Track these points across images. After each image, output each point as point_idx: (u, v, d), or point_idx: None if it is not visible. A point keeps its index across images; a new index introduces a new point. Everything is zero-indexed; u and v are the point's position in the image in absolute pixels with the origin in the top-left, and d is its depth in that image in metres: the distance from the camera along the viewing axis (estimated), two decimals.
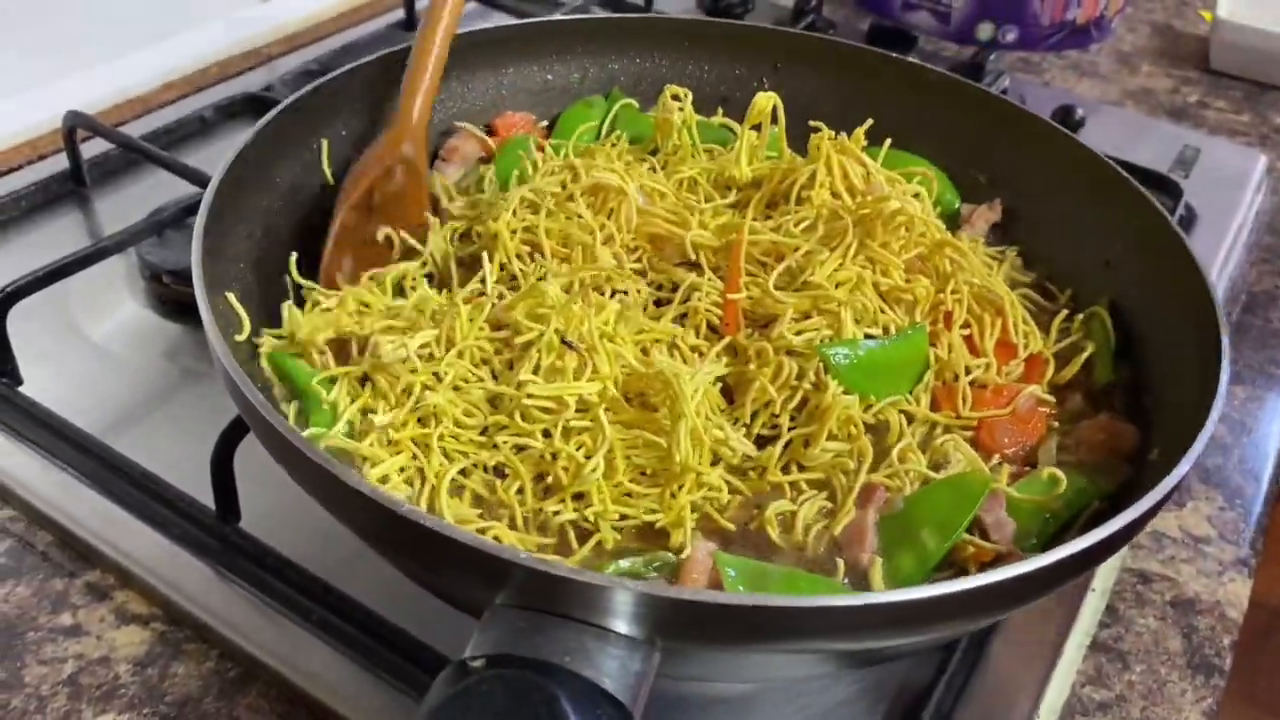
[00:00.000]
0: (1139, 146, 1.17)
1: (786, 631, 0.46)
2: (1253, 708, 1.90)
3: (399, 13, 1.31)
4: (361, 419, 0.63)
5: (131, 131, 1.00)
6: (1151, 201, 0.73)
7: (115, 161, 1.00)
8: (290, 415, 0.64)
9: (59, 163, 0.99)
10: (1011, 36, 1.26)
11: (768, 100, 0.78)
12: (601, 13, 1.24)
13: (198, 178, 0.90)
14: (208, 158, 0.99)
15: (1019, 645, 0.69)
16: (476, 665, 0.44)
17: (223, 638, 0.65)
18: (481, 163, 0.85)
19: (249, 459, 0.66)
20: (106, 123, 0.99)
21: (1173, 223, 0.72)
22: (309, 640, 0.64)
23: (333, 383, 0.65)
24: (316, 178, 0.77)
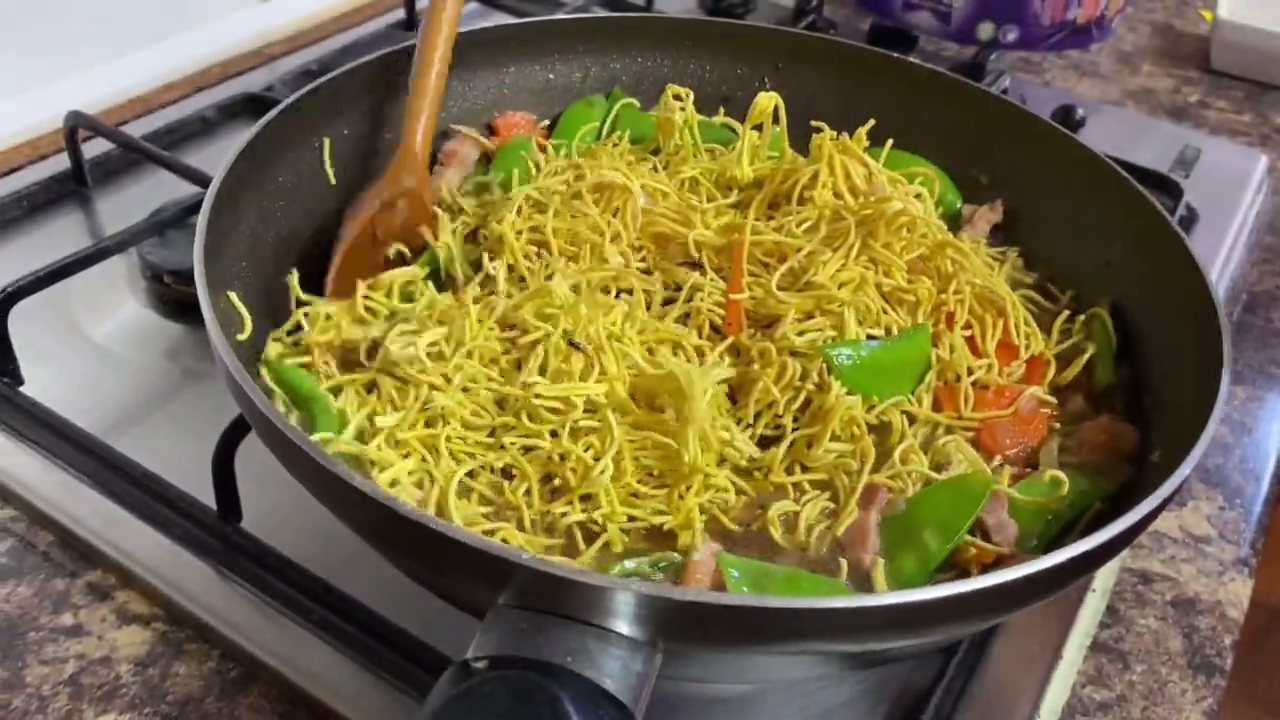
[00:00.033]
0: (1139, 146, 1.17)
1: (788, 633, 0.46)
2: (1253, 707, 1.91)
3: (399, 13, 1.31)
4: (369, 426, 0.62)
5: (133, 131, 1.00)
6: (1152, 201, 0.73)
7: (116, 161, 1.00)
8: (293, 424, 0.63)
9: (60, 162, 0.99)
10: (1012, 36, 1.26)
11: (769, 100, 0.78)
12: (602, 12, 1.24)
13: (199, 178, 0.90)
14: (209, 158, 0.99)
15: (1019, 645, 0.69)
16: (479, 666, 0.44)
17: (224, 638, 0.65)
18: (481, 164, 0.85)
19: (250, 459, 0.66)
20: (108, 122, 0.99)
21: (1173, 223, 0.72)
22: (310, 640, 0.65)
23: (337, 393, 0.64)
24: (318, 177, 0.77)
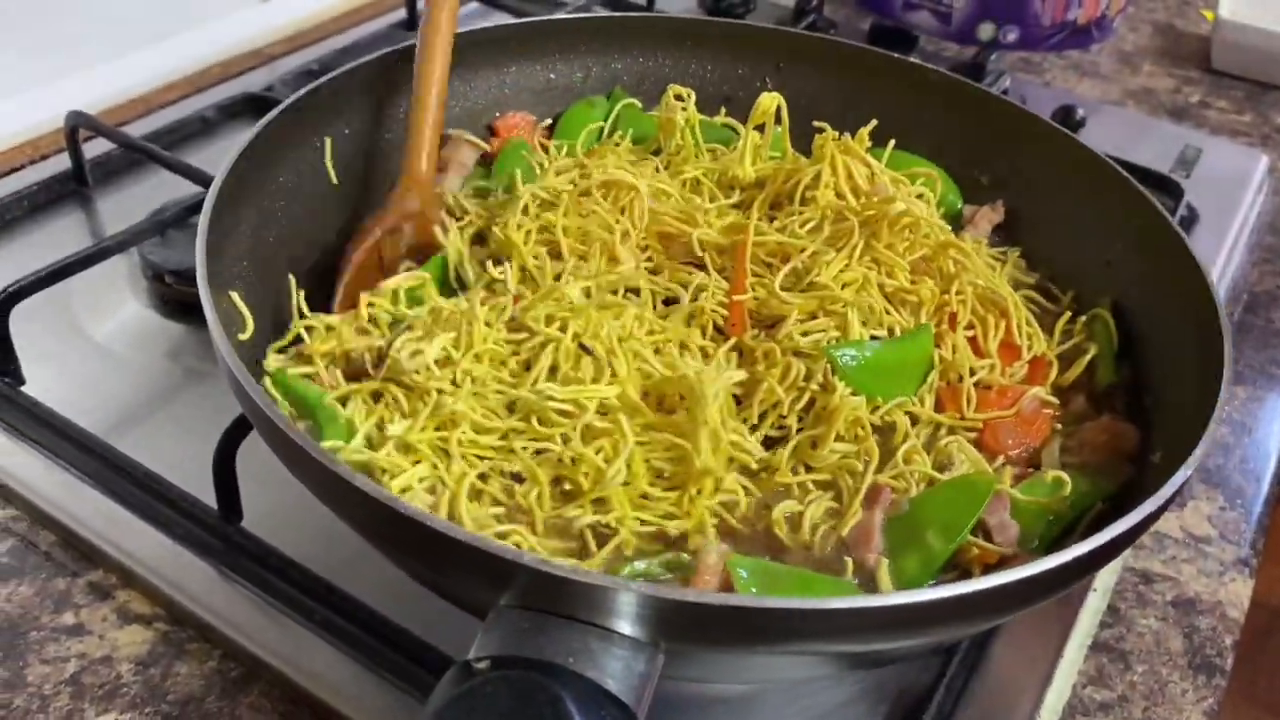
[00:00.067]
0: (1140, 146, 1.17)
1: (789, 633, 0.46)
2: (1254, 707, 1.91)
3: (400, 13, 1.31)
4: (377, 434, 0.62)
5: (133, 131, 1.00)
6: (1152, 202, 0.73)
7: (117, 161, 1.00)
8: None
9: (61, 162, 0.99)
10: (1012, 36, 1.26)
11: (772, 100, 0.78)
12: (604, 12, 1.24)
13: (200, 177, 0.90)
14: (209, 157, 0.99)
15: (1020, 646, 0.69)
16: (481, 666, 0.44)
17: (225, 637, 0.65)
18: (479, 167, 0.84)
19: (251, 459, 0.66)
20: (108, 122, 0.99)
21: (1174, 223, 0.72)
22: (312, 640, 0.65)
23: (344, 402, 0.63)
24: (319, 177, 0.77)
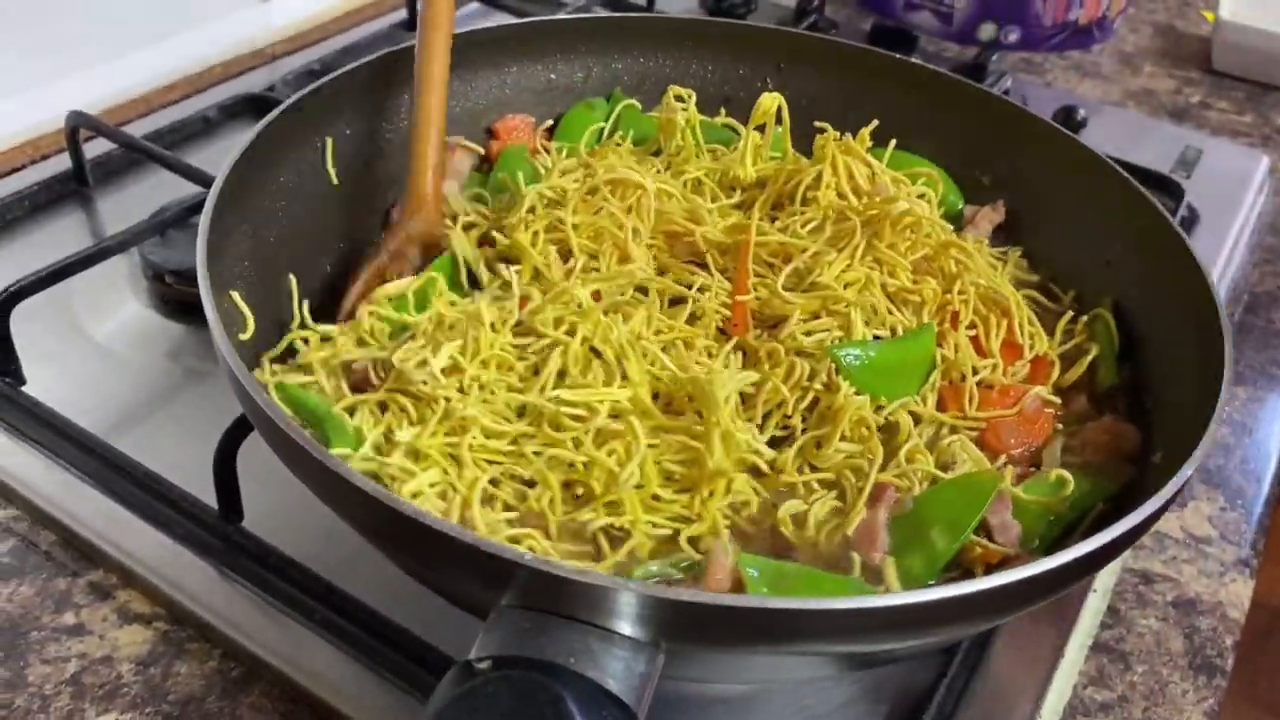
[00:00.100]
0: (1141, 147, 1.17)
1: (790, 633, 0.46)
2: (1254, 708, 1.91)
3: (401, 13, 1.31)
4: (385, 442, 0.61)
5: (134, 131, 1.00)
6: (1153, 202, 0.73)
7: (118, 161, 1.00)
8: None
9: (62, 162, 0.99)
10: (1013, 37, 1.26)
11: (773, 101, 0.78)
12: (604, 12, 1.24)
13: (200, 177, 0.90)
14: (210, 158, 0.99)
15: (1021, 646, 0.69)
16: (482, 666, 0.44)
17: (225, 637, 0.65)
18: (476, 172, 0.84)
19: (252, 458, 0.66)
20: (109, 122, 0.99)
21: (1174, 223, 0.72)
22: (312, 640, 0.65)
23: (352, 413, 0.63)
24: (319, 177, 0.77)
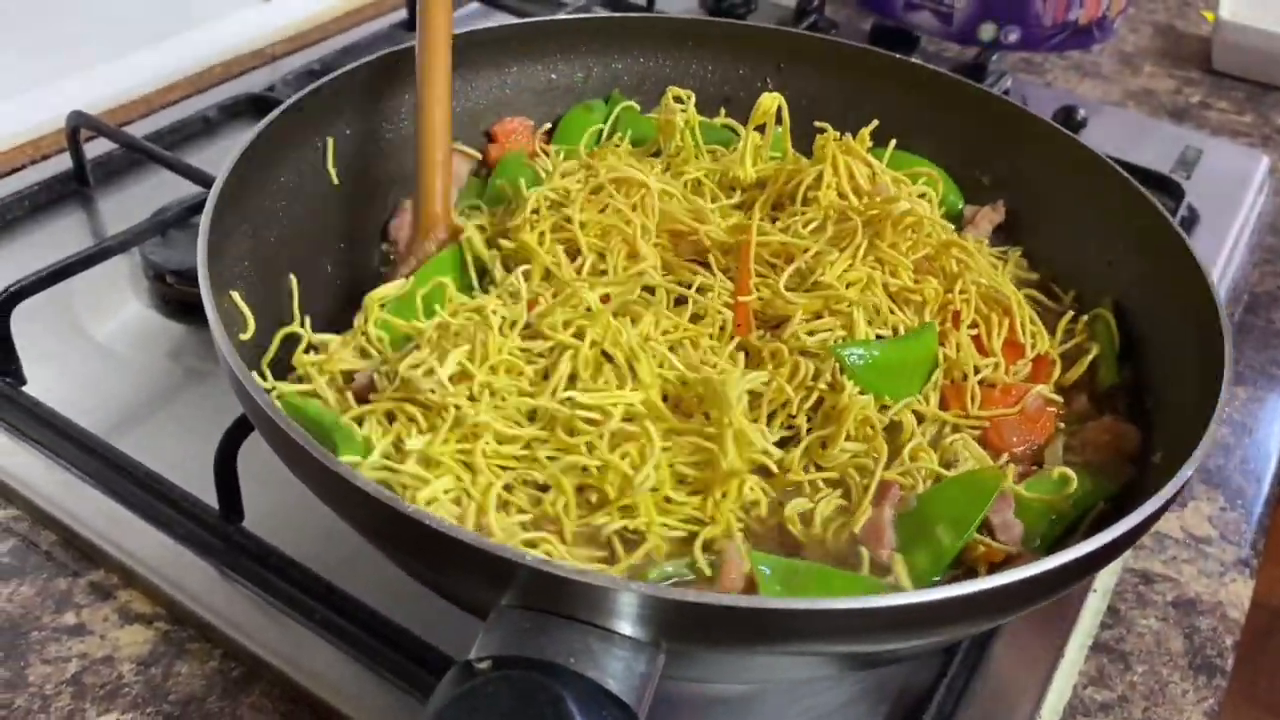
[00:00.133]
0: (1141, 147, 1.17)
1: (791, 634, 0.46)
2: (1254, 708, 1.91)
3: (401, 13, 1.31)
4: (395, 451, 0.61)
5: (135, 131, 1.00)
6: (1153, 202, 0.73)
7: (118, 161, 1.00)
8: None
9: (62, 162, 0.99)
10: (1014, 37, 1.26)
11: (773, 101, 0.78)
12: (604, 12, 1.24)
13: (201, 178, 0.90)
14: (211, 158, 0.99)
15: (1021, 646, 0.69)
16: (482, 666, 0.44)
17: (226, 637, 0.65)
18: (474, 176, 0.84)
19: (252, 458, 0.66)
20: (110, 122, 0.99)
21: (1174, 223, 0.72)
22: (312, 640, 0.65)
23: (360, 423, 0.62)
24: (320, 177, 0.77)
